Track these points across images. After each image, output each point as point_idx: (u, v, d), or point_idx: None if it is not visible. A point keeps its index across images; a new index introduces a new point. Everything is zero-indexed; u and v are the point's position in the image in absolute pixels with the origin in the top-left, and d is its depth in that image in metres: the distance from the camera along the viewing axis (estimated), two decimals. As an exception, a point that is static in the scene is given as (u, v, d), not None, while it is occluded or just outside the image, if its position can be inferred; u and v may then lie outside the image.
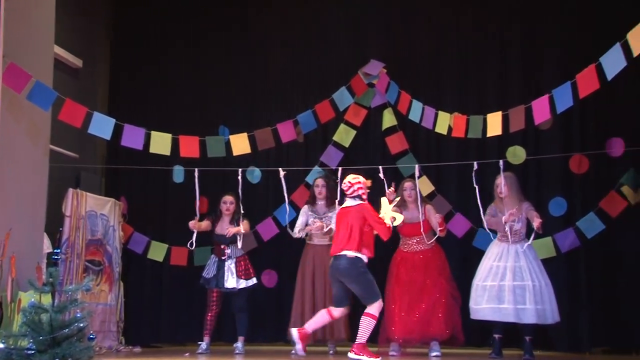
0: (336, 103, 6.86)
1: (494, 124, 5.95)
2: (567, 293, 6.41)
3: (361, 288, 5.32)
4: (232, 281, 6.48)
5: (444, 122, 6.28)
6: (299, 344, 5.40)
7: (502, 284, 5.85)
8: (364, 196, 5.48)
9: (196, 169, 6.48)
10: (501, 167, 6.01)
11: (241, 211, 6.57)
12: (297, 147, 7.24)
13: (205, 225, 6.63)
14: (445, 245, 6.39)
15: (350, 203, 5.47)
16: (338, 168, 6.61)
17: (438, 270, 6.17)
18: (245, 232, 6.59)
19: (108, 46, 7.74)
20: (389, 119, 6.99)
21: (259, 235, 6.95)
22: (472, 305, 5.98)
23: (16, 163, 5.45)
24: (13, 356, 3.82)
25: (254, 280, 6.60)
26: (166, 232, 7.25)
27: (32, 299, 4.39)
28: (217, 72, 7.59)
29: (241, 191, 6.52)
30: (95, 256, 6.48)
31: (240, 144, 6.56)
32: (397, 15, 7.38)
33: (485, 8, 7.17)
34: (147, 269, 7.27)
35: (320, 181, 6.58)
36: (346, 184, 5.50)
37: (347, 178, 5.53)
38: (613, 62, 5.11)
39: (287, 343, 6.72)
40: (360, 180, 5.49)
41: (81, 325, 3.91)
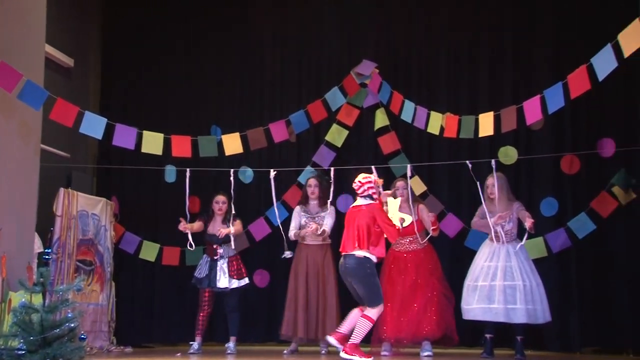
0: (328, 103, 6.86)
1: (486, 124, 5.97)
2: (558, 293, 6.44)
3: (365, 289, 5.27)
4: (225, 281, 6.47)
5: (436, 122, 6.30)
6: (340, 346, 5.29)
7: (493, 284, 5.87)
8: (375, 195, 5.41)
9: (188, 169, 6.47)
10: (493, 168, 6.03)
11: (232, 211, 6.57)
12: (290, 147, 7.24)
13: (197, 226, 6.62)
14: (437, 245, 6.41)
15: (360, 202, 5.41)
16: (330, 168, 6.61)
17: (430, 270, 6.18)
18: (238, 233, 6.58)
19: (100, 45, 7.71)
20: (381, 119, 7.00)
21: (251, 235, 6.94)
22: (464, 305, 6.00)
23: (7, 162, 5.42)
24: (3, 356, 3.81)
25: (246, 280, 6.59)
26: (158, 232, 7.23)
27: (23, 299, 4.37)
28: (210, 72, 7.59)
29: (233, 191, 6.52)
30: (86, 256, 6.46)
31: (232, 144, 6.55)
32: (390, 15, 7.39)
33: (477, 9, 7.19)
34: (139, 269, 7.26)
35: (312, 181, 6.58)
36: (357, 183, 5.44)
37: (358, 177, 5.47)
38: (604, 63, 5.13)
39: (279, 343, 6.73)
40: (371, 179, 5.41)
41: (72, 325, 3.91)
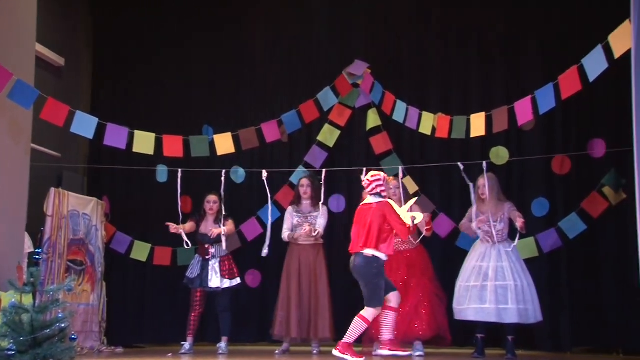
0: (320, 103, 6.86)
1: (478, 125, 5.98)
2: (549, 293, 6.46)
3: (367, 289, 5.24)
4: (216, 281, 6.46)
5: (428, 123, 6.32)
6: (398, 352, 5.23)
7: (485, 284, 5.89)
8: (384, 193, 5.36)
9: (179, 170, 6.45)
10: (484, 169, 6.05)
11: (223, 212, 6.56)
12: (282, 147, 7.24)
13: (189, 226, 6.60)
14: (428, 245, 6.41)
15: (370, 200, 5.37)
16: (322, 169, 6.60)
17: (421, 270, 6.18)
18: (230, 233, 6.57)
19: (91, 45, 7.68)
20: (373, 119, 7.01)
21: (243, 235, 6.93)
22: (456, 305, 6.01)
23: (-3, 162, 5.40)
24: (-7, 357, 3.79)
25: (238, 280, 6.58)
26: (149, 232, 7.21)
27: (13, 299, 4.35)
28: (201, 72, 7.57)
29: (224, 191, 6.51)
30: (77, 256, 6.44)
31: (224, 144, 6.54)
32: (382, 15, 7.40)
33: (469, 9, 7.20)
34: (130, 269, 7.23)
35: (305, 181, 6.58)
36: (365, 182, 5.42)
37: (367, 175, 5.45)
38: (595, 64, 5.16)
39: (271, 343, 6.72)
40: (379, 177, 5.37)
41: (63, 325, 3.89)
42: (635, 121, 4.25)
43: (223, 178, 6.50)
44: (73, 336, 4.13)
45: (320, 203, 6.50)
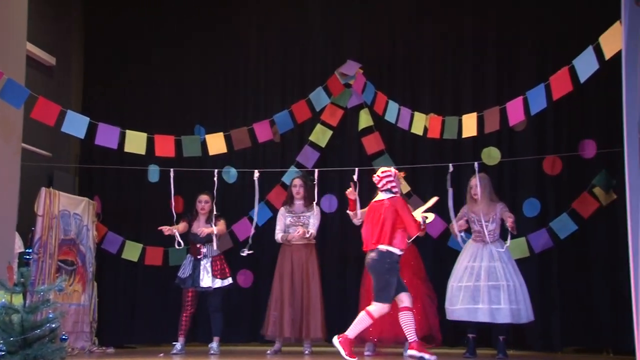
0: (313, 103, 6.86)
1: (469, 125, 6.00)
2: (540, 293, 6.49)
3: (377, 284, 5.23)
4: (208, 280, 6.45)
5: (420, 123, 6.33)
6: (425, 354, 5.23)
7: (477, 284, 5.91)
8: (395, 189, 5.36)
9: (171, 169, 6.44)
10: (476, 169, 6.07)
11: (214, 212, 6.55)
12: (274, 147, 7.23)
13: (182, 227, 6.58)
14: (420, 245, 6.42)
15: (382, 196, 5.37)
16: (314, 169, 6.60)
17: (413, 270, 6.19)
18: (220, 233, 6.55)
19: (82, 44, 7.64)
20: (365, 120, 7.01)
21: (235, 235, 6.92)
22: (448, 306, 6.02)
23: (-13, 161, 5.37)
24: (-17, 357, 3.77)
25: (230, 280, 6.57)
26: (141, 232, 7.19)
27: (3, 300, 4.32)
28: (194, 71, 7.56)
29: (217, 191, 6.50)
30: (68, 256, 6.41)
31: (216, 144, 6.54)
32: (374, 16, 7.41)
33: (460, 10, 7.22)
34: (121, 269, 7.21)
35: (298, 181, 6.58)
36: (376, 178, 5.41)
37: (377, 171, 5.45)
38: (586, 65, 5.19)
39: (262, 343, 6.72)
40: (390, 172, 5.37)
41: (53, 326, 3.87)
42: (625, 122, 4.27)
43: (215, 178, 6.50)
44: (64, 336, 4.12)
45: (314, 203, 6.49)
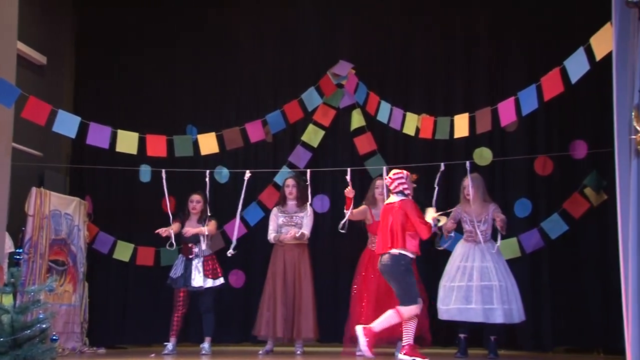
0: (305, 103, 6.86)
1: (461, 126, 6.02)
2: (531, 293, 6.51)
3: (399, 287, 5.20)
4: (199, 279, 6.43)
5: (412, 123, 6.34)
6: (417, 357, 5.23)
7: (470, 285, 5.92)
8: (407, 191, 5.35)
9: (163, 170, 6.42)
10: (468, 169, 6.08)
11: (208, 212, 6.54)
12: (266, 147, 7.23)
13: (176, 227, 6.54)
14: (412, 245, 6.43)
15: (393, 199, 5.36)
16: (307, 170, 6.60)
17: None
18: (210, 233, 6.53)
19: (73, 43, 7.61)
20: (358, 120, 7.02)
21: (227, 235, 6.91)
22: (440, 305, 6.03)
23: (-23, 161, 5.34)
24: (-27, 358, 3.74)
25: (221, 280, 6.56)
26: (132, 232, 7.17)
27: (-7, 300, 4.30)
28: (186, 71, 7.54)
29: (209, 192, 6.49)
30: (59, 256, 6.38)
31: (208, 144, 6.52)
32: (366, 16, 7.41)
33: (452, 11, 7.24)
34: (113, 269, 7.19)
35: (290, 181, 6.57)
36: (388, 180, 5.41)
37: (389, 174, 5.43)
38: (577, 66, 5.22)
39: (254, 343, 6.71)
40: (402, 174, 5.36)
41: (43, 326, 3.85)
42: (616, 123, 4.28)
43: (207, 178, 6.49)
44: (54, 337, 4.09)
45: (307, 203, 6.48)
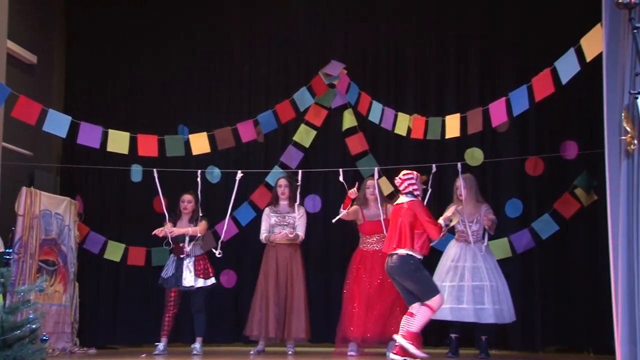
0: (297, 103, 6.85)
1: (453, 126, 6.03)
2: (522, 293, 6.53)
3: (416, 285, 5.16)
4: (190, 279, 6.41)
5: (404, 124, 6.35)
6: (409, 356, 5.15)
7: (462, 284, 5.94)
8: (416, 192, 5.32)
9: (155, 170, 6.40)
10: (459, 170, 6.10)
11: (199, 212, 6.52)
12: (257, 147, 7.22)
13: (170, 227, 6.53)
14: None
15: (403, 200, 5.33)
16: (299, 170, 6.60)
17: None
18: (201, 233, 6.51)
19: (64, 42, 7.57)
20: (349, 120, 7.02)
21: (218, 235, 6.90)
22: (432, 305, 6.05)
23: (-33, 160, 5.31)
24: (-38, 359, 3.72)
25: (213, 280, 6.55)
26: (123, 232, 7.14)
27: (-17, 300, 4.28)
28: (177, 70, 7.53)
29: (200, 192, 6.48)
30: (49, 256, 6.35)
31: (199, 143, 6.51)
32: (358, 16, 7.43)
33: (444, 12, 7.26)
34: (104, 269, 7.16)
35: (283, 181, 6.56)
36: (397, 180, 5.39)
37: (399, 174, 5.42)
38: (567, 67, 5.24)
39: (246, 344, 6.70)
40: (412, 175, 5.34)
41: (33, 326, 3.83)
42: (606, 123, 4.31)
43: (199, 178, 6.47)
44: (44, 337, 4.07)
45: (296, 204, 6.48)
